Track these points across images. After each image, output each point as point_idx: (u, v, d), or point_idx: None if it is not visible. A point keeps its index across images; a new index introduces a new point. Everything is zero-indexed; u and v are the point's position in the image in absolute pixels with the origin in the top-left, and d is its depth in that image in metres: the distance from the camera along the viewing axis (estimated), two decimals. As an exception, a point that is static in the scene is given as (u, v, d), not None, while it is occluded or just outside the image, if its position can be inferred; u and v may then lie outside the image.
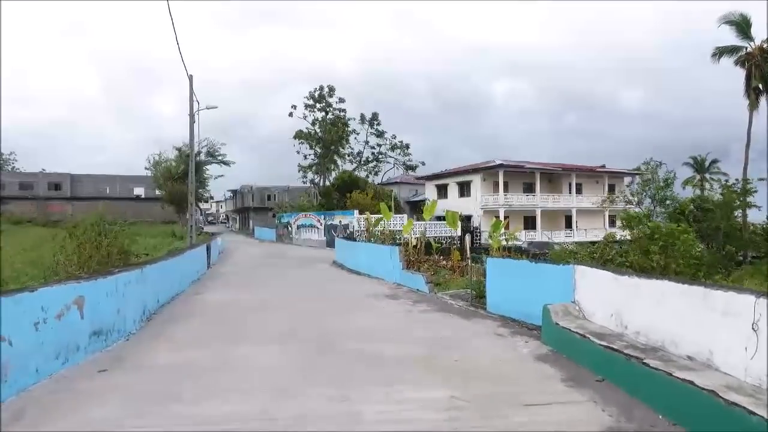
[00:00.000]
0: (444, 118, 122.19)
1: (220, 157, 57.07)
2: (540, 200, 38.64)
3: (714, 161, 62.52)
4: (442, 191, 43.47)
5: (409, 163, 51.52)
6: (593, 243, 27.35)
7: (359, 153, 51.43)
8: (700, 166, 63.20)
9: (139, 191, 68.72)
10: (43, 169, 67.38)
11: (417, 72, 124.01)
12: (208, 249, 17.92)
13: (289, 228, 41.93)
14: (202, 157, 55.41)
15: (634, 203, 22.60)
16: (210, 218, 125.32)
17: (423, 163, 51.55)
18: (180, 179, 42.27)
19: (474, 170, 39.31)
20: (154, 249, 25.73)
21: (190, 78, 22.02)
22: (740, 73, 30.88)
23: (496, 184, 38.86)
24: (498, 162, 37.53)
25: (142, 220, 61.57)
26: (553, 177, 41.46)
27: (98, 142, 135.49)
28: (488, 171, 38.48)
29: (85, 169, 68.58)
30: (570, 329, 6.16)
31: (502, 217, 36.65)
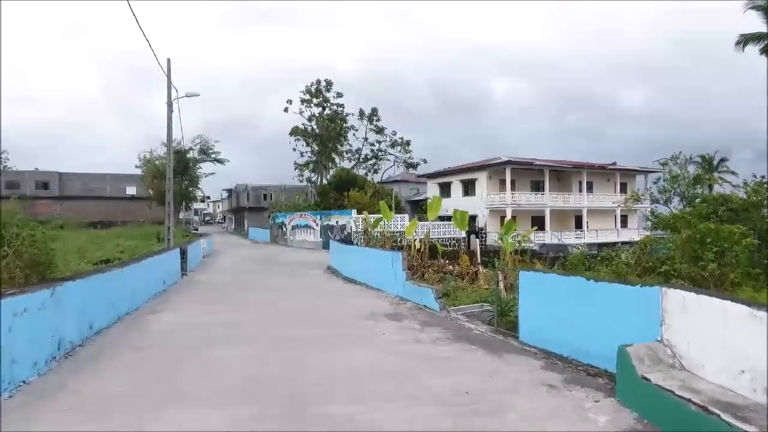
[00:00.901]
0: (443, 117, 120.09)
1: (213, 155, 54.93)
2: (549, 199, 36.44)
3: (723, 160, 60.41)
4: (445, 190, 41.28)
5: (410, 160, 49.28)
6: (623, 245, 25.06)
7: (358, 150, 49.22)
8: (708, 164, 61.25)
9: (131, 190, 66.44)
10: (36, 168, 65.17)
11: (416, 72, 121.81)
12: (183, 253, 15.69)
13: (284, 229, 39.71)
14: (195, 154, 53.22)
15: (662, 201, 20.38)
16: (207, 218, 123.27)
17: (424, 161, 49.38)
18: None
19: (479, 167, 37.13)
20: (133, 252, 23.52)
21: (168, 62, 19.85)
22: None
23: (503, 182, 36.68)
24: (505, 158, 35.32)
25: (134, 220, 59.43)
26: (563, 175, 39.27)
27: (98, 142, 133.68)
28: (494, 168, 36.29)
29: (84, 169, 66.08)
30: (673, 392, 3.96)
31: (509, 217, 34.43)
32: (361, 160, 48.97)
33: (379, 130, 48.38)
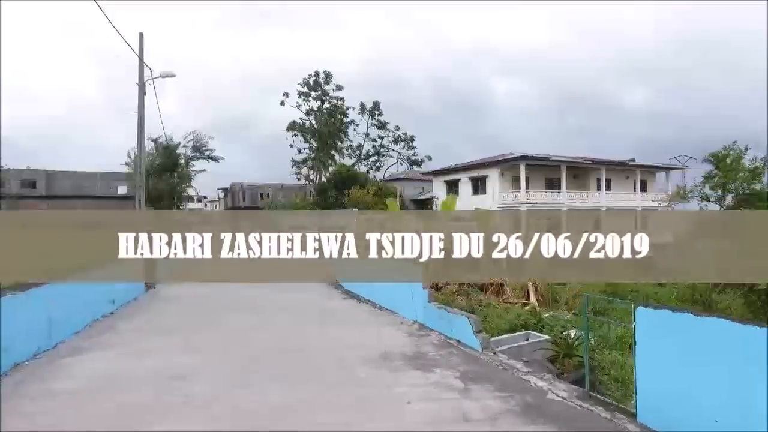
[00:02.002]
0: (444, 117, 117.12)
1: (207, 153, 52.28)
2: (567, 198, 33.68)
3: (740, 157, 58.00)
4: (453, 188, 38.54)
5: (413, 157, 46.56)
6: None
7: (359, 146, 46.47)
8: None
9: (124, 189, 63.67)
10: (29, 167, 62.37)
11: (417, 71, 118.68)
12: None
13: (280, 230, 37.08)
14: (188, 152, 50.54)
15: (713, 199, 17.71)
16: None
17: (429, 158, 46.67)
18: (158, 175, 37.20)
19: (491, 163, 34.35)
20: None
21: (140, 37, 17.08)
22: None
23: (516, 180, 33.96)
24: (519, 154, 32.53)
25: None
26: (579, 172, 36.49)
27: (99, 142, 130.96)
28: (507, 164, 33.54)
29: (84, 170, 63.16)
30: None
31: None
32: (362, 156, 46.25)
33: (382, 125, 45.69)
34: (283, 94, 44.21)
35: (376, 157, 46.44)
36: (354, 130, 45.60)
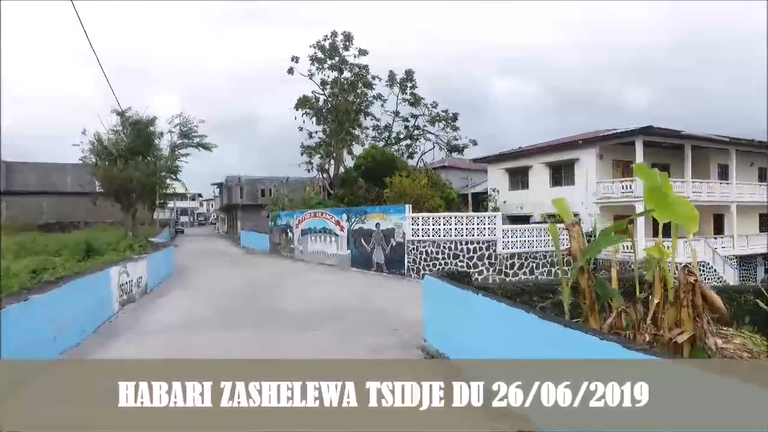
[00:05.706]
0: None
1: (197, 139, 42.54)
2: (691, 189, 24.15)
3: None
4: (518, 178, 29.09)
5: (454, 142, 36.93)
6: None
7: (386, 127, 36.85)
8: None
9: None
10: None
11: (416, 71, 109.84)
12: None
13: (289, 233, 27.43)
14: (174, 138, 40.84)
15: None
16: (201, 219, 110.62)
17: (474, 142, 37.03)
18: (123, 159, 27.59)
19: (586, 142, 24.75)
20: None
21: None
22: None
23: (619, 165, 24.55)
24: (637, 127, 22.82)
25: (101, 221, 46.43)
26: (697, 154, 26.98)
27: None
28: (611, 143, 24.01)
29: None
30: None
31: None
32: (390, 140, 36.62)
33: (416, 101, 36.06)
34: (292, 59, 34.53)
35: (408, 141, 36.80)
36: (382, 106, 35.99)
